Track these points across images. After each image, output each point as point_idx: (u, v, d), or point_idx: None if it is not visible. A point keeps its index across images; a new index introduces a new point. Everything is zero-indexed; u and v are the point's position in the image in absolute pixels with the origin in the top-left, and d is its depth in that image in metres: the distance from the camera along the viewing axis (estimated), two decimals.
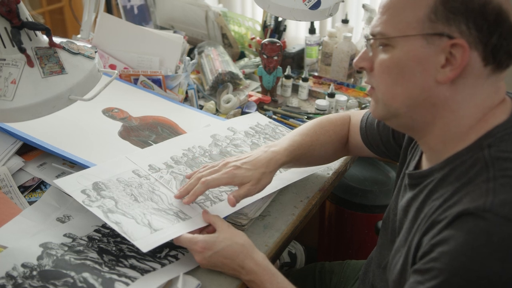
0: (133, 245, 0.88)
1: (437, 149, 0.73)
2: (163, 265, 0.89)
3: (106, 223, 0.95)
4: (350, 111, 1.17)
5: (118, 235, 0.93)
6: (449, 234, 0.63)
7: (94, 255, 0.88)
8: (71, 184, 0.97)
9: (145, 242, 0.86)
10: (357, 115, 1.10)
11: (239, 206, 0.99)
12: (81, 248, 0.89)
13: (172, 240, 0.89)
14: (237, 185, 0.96)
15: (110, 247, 0.91)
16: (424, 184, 0.75)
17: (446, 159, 0.71)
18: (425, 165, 0.79)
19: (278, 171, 1.11)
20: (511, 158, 0.66)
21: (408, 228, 0.76)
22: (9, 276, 0.81)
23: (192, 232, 0.91)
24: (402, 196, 0.83)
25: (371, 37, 0.74)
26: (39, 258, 0.85)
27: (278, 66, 1.46)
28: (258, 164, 0.97)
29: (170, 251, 0.92)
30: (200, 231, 0.93)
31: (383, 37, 0.71)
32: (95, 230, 0.95)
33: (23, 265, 0.83)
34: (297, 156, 1.03)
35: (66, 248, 0.88)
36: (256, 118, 1.36)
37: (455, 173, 0.69)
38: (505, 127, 0.68)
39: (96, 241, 0.92)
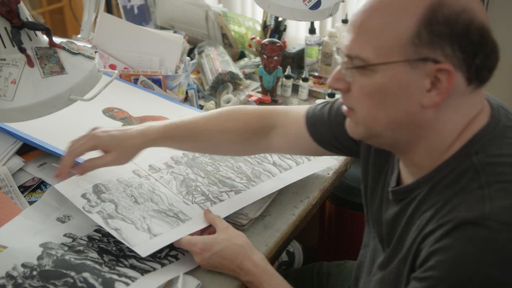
0: None
1: (422, 164, 0.71)
2: (163, 265, 0.89)
3: None
4: (287, 106, 1.08)
5: None
6: (448, 243, 0.62)
7: (94, 255, 0.88)
8: (71, 188, 0.97)
9: (144, 247, 0.86)
10: (296, 109, 1.02)
11: (238, 207, 0.99)
12: (81, 248, 0.89)
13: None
14: (103, 150, 0.94)
15: (110, 247, 0.91)
16: (411, 197, 0.73)
17: (433, 170, 0.70)
18: (407, 179, 0.76)
19: (278, 171, 1.11)
20: (501, 162, 0.65)
21: (398, 241, 0.75)
22: (9, 276, 0.81)
23: (192, 234, 0.91)
24: (386, 209, 0.81)
25: (346, 59, 0.69)
26: (39, 258, 0.85)
27: (278, 66, 1.46)
28: (127, 135, 0.95)
29: (170, 251, 0.92)
30: (201, 232, 0.94)
31: (364, 63, 0.67)
32: (95, 230, 0.95)
33: (23, 265, 0.83)
34: (177, 136, 0.98)
35: (66, 248, 0.88)
36: None
37: (444, 182, 0.68)
38: (487, 131, 0.68)
39: (96, 241, 0.92)
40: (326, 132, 0.95)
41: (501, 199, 0.61)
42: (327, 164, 1.18)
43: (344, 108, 0.74)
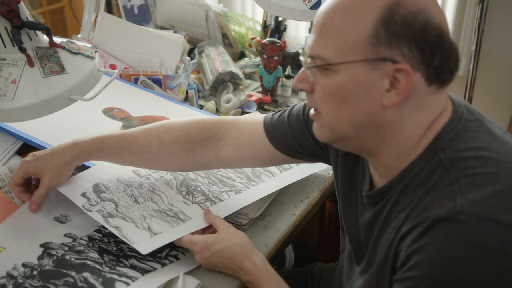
0: None
1: (391, 165, 0.72)
2: (163, 265, 0.89)
3: None
4: (235, 117, 1.02)
5: None
6: (425, 242, 0.62)
7: (94, 255, 0.88)
8: (71, 187, 0.97)
9: (145, 245, 0.86)
10: (247, 119, 0.98)
11: (238, 207, 0.99)
12: (81, 248, 0.89)
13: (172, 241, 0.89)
14: (35, 175, 0.93)
15: (111, 247, 0.91)
16: (385, 200, 0.73)
17: (403, 170, 0.70)
18: (378, 182, 0.77)
19: (278, 171, 1.11)
20: (467, 156, 0.65)
21: (375, 244, 0.75)
22: (9, 275, 0.81)
23: (193, 233, 0.91)
24: (362, 213, 0.81)
25: (309, 59, 0.69)
26: (40, 258, 0.85)
27: (279, 66, 1.46)
28: (54, 152, 0.93)
29: (170, 251, 0.92)
30: (203, 231, 0.94)
31: (325, 63, 0.67)
32: (96, 230, 0.95)
33: (24, 265, 0.83)
34: (111, 146, 0.94)
35: (66, 248, 0.88)
36: None
37: (415, 181, 0.68)
38: (451, 126, 0.68)
39: (97, 241, 0.92)
40: (290, 141, 0.93)
41: (471, 193, 0.62)
42: (327, 164, 1.18)
43: (311, 112, 0.74)
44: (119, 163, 1.01)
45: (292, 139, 0.93)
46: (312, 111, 0.74)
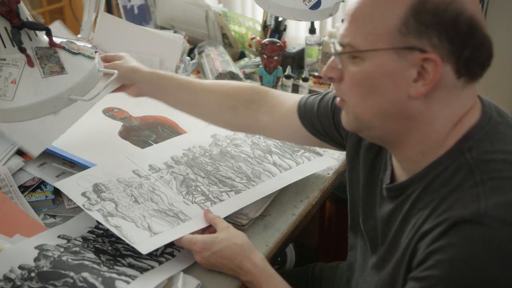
0: (128, 244, 0.88)
1: (415, 160, 0.71)
2: (160, 263, 0.89)
3: (99, 224, 0.95)
4: (281, 91, 1.11)
5: (113, 235, 0.93)
6: (446, 242, 0.62)
7: (91, 255, 0.88)
8: (71, 186, 0.97)
9: (145, 244, 0.86)
10: (289, 95, 1.06)
11: (238, 207, 0.99)
12: (77, 249, 0.89)
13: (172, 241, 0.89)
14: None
15: (106, 246, 0.91)
16: (406, 195, 0.73)
17: (426, 167, 0.69)
18: (400, 175, 0.77)
19: (278, 171, 1.11)
20: (494, 159, 0.65)
21: (394, 239, 0.75)
22: (7, 278, 0.81)
23: (193, 233, 0.91)
24: (380, 206, 0.81)
25: (340, 47, 0.70)
26: (36, 259, 0.85)
27: (278, 66, 1.46)
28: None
29: (165, 248, 0.92)
30: (202, 231, 0.94)
31: (353, 50, 0.68)
32: (89, 231, 0.95)
33: (20, 267, 0.83)
34: (174, 80, 1.06)
35: (62, 249, 0.88)
36: None
37: (439, 180, 0.67)
38: (480, 127, 0.68)
39: (91, 241, 0.92)
40: (316, 122, 0.97)
41: (495, 197, 0.61)
42: (327, 164, 1.18)
43: (338, 99, 0.75)
44: (172, 101, 1.09)
45: (317, 120, 0.96)
46: (338, 99, 0.75)
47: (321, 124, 0.96)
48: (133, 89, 1.07)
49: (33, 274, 0.82)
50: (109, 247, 0.91)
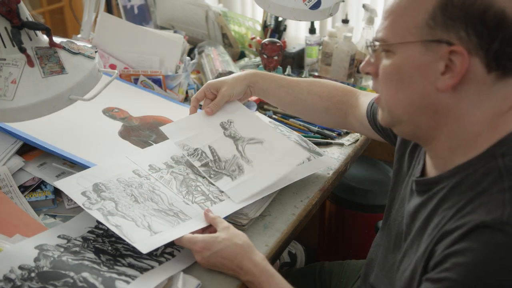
0: (128, 244, 0.88)
1: (444, 156, 0.72)
2: (160, 262, 0.89)
3: (99, 224, 0.95)
4: (361, 91, 1.19)
5: (113, 235, 0.93)
6: (465, 246, 0.61)
7: (91, 255, 0.88)
8: (71, 186, 0.97)
9: (145, 244, 0.86)
10: (366, 94, 1.13)
11: (238, 207, 0.99)
12: (77, 249, 0.89)
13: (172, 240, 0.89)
14: (214, 88, 1.13)
15: (106, 246, 0.91)
16: (433, 191, 0.73)
17: (456, 166, 0.69)
18: (431, 171, 0.78)
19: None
20: None
21: (417, 235, 0.75)
22: (7, 279, 0.80)
23: (193, 233, 0.91)
24: (409, 200, 0.81)
25: (374, 42, 0.73)
26: (36, 259, 0.85)
27: (278, 66, 1.46)
28: (233, 75, 1.17)
29: (165, 248, 0.92)
30: (202, 231, 0.94)
31: (384, 43, 0.71)
32: (89, 231, 0.95)
33: (21, 267, 0.83)
34: (275, 80, 1.14)
35: (62, 249, 0.88)
36: None
37: (467, 182, 0.67)
38: None
39: (91, 241, 0.92)
40: (375, 119, 1.02)
41: None
42: (327, 164, 1.18)
43: (377, 95, 0.78)
44: (275, 98, 1.17)
45: (375, 118, 1.03)
46: (377, 95, 0.78)
47: (376, 120, 1.01)
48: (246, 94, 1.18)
49: (33, 274, 0.82)
50: (109, 247, 0.91)
